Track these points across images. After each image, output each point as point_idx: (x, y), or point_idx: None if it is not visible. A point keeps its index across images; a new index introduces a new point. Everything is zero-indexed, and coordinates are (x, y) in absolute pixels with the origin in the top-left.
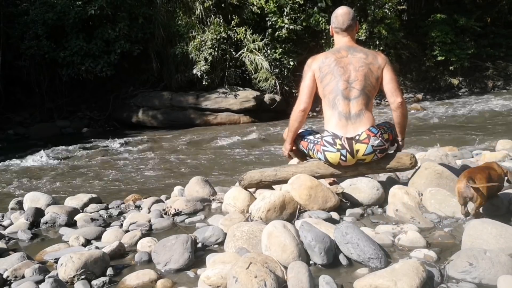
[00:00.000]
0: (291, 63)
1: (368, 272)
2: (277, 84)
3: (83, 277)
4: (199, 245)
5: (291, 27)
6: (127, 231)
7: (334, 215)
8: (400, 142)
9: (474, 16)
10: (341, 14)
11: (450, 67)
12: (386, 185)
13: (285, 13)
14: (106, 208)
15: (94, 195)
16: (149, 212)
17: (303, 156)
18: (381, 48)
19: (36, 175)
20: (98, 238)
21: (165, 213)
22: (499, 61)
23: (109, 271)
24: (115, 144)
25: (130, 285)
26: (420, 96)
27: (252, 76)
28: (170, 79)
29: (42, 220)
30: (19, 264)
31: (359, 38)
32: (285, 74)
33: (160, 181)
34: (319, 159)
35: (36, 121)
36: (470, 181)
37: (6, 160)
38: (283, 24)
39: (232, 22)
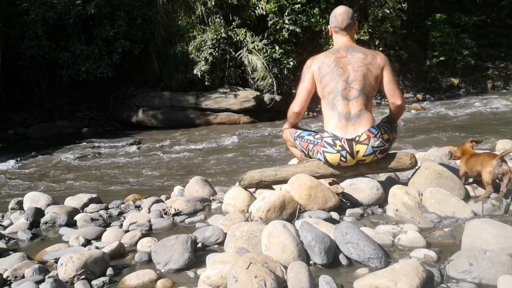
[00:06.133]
0: (291, 63)
1: (368, 272)
2: (274, 83)
3: (83, 277)
4: (199, 245)
5: (291, 28)
6: (127, 231)
7: (334, 215)
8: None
9: (474, 16)
10: (340, 13)
11: (457, 65)
12: (386, 185)
13: (285, 14)
14: (106, 208)
15: (94, 195)
16: (149, 212)
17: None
18: (381, 48)
19: (36, 175)
20: (98, 238)
21: (165, 213)
22: (499, 61)
23: (109, 271)
24: (115, 144)
25: (130, 285)
26: (420, 96)
27: (251, 76)
28: (170, 79)
29: (42, 220)
30: (19, 264)
31: (360, 38)
32: (285, 74)
33: (160, 181)
34: (319, 159)
35: (36, 121)
36: (500, 161)
37: (6, 160)
38: (284, 25)
39: (233, 23)
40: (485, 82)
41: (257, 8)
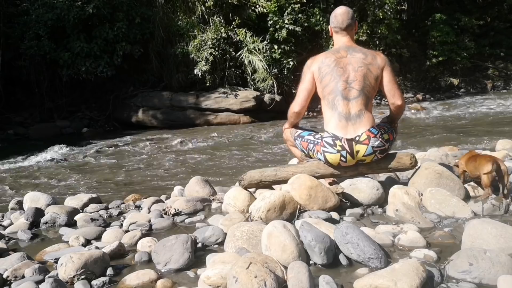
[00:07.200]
0: (291, 63)
1: (368, 272)
2: (275, 84)
3: (83, 277)
4: (199, 245)
5: (291, 27)
6: (127, 231)
7: (334, 215)
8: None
9: (474, 16)
10: (340, 14)
11: (454, 67)
12: (386, 185)
13: (285, 14)
14: (106, 208)
15: (94, 195)
16: (149, 212)
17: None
18: (381, 48)
19: (36, 175)
20: (98, 238)
21: (165, 213)
22: (499, 61)
23: (109, 271)
24: (115, 144)
25: (130, 285)
26: (420, 96)
27: (251, 77)
28: (170, 79)
29: (42, 220)
30: (19, 264)
31: (360, 39)
32: (285, 74)
33: (160, 181)
34: (319, 159)
35: (36, 121)
36: (497, 163)
37: (6, 160)
38: (284, 25)
39: (233, 23)
40: (485, 82)
41: (257, 7)
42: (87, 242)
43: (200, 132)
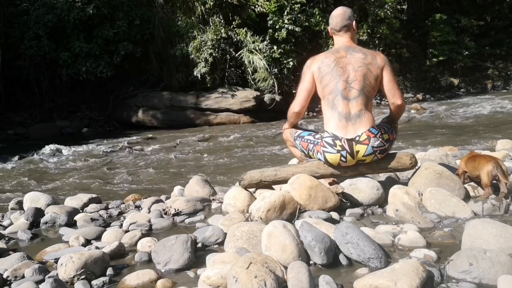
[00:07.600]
0: (291, 63)
1: (368, 272)
2: (275, 84)
3: (83, 277)
4: (199, 245)
5: (290, 27)
6: (127, 231)
7: (334, 215)
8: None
9: (474, 17)
10: (336, 16)
11: (454, 66)
12: (386, 185)
13: (285, 14)
14: (106, 208)
15: (94, 195)
16: (149, 212)
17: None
18: (381, 48)
19: (36, 175)
20: (98, 238)
21: (165, 213)
22: (499, 60)
23: (109, 271)
24: (115, 144)
25: (130, 285)
26: (420, 96)
27: (252, 77)
28: (170, 79)
29: (42, 220)
30: (19, 264)
31: (360, 38)
32: (285, 74)
33: (160, 181)
34: (319, 159)
35: (36, 121)
36: (497, 163)
37: (6, 160)
38: (283, 25)
39: (233, 23)
40: (485, 82)
41: (257, 6)
42: (87, 242)
43: (200, 132)
